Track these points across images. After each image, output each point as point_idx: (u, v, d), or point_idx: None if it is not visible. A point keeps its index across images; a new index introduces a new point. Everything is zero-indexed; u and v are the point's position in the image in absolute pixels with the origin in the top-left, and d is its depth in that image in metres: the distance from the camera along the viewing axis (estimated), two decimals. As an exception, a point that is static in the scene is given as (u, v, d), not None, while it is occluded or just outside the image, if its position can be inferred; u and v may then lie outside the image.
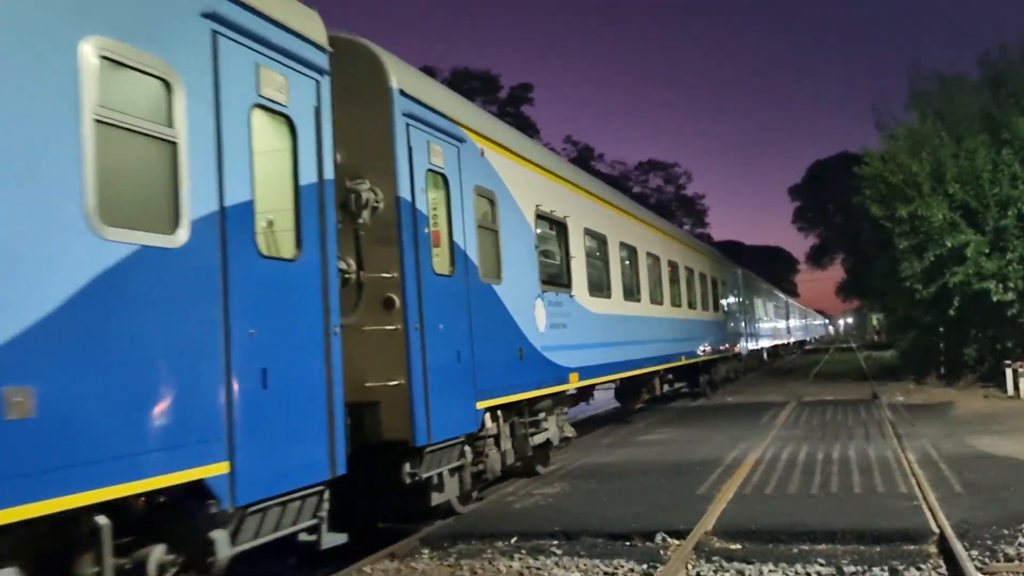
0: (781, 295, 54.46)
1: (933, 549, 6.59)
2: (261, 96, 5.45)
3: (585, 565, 6.77)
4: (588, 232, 12.67)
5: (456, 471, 8.20)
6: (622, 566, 6.68)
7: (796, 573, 6.25)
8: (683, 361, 19.02)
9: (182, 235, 4.65)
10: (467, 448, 8.33)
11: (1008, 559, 6.20)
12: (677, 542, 7.18)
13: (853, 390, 22.89)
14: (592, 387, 12.71)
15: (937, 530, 6.88)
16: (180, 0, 4.83)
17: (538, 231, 10.57)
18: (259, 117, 5.46)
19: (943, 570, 6.07)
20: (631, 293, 14.91)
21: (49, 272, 3.87)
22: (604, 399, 18.65)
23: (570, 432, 11.56)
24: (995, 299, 19.74)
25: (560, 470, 11.27)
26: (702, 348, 21.84)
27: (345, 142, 6.70)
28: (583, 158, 60.64)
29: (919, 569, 6.10)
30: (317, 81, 6.06)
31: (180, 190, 4.68)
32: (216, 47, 5.05)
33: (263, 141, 5.49)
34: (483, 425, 8.57)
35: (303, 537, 5.72)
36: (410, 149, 7.50)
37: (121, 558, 4.35)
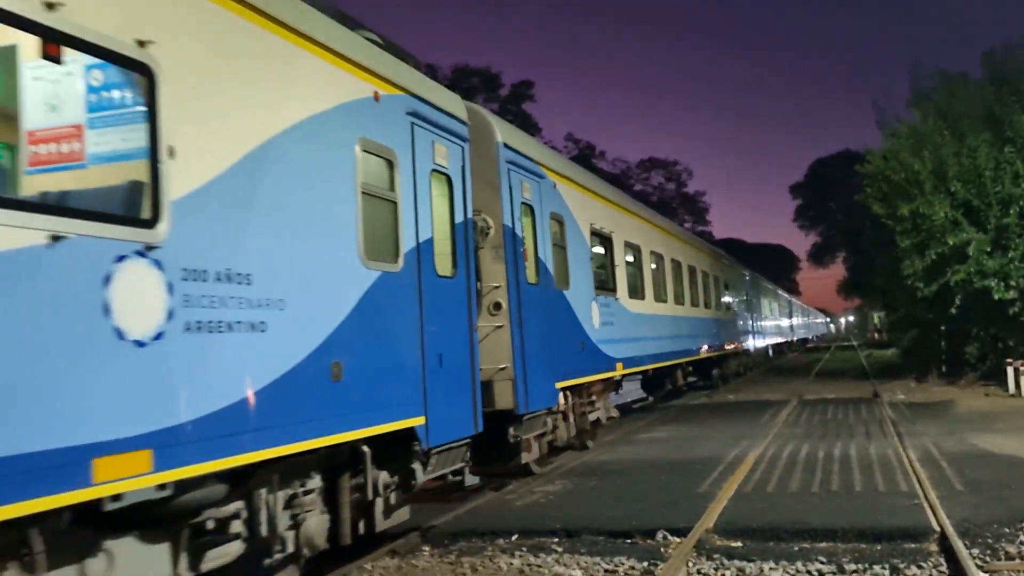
0: (785, 295, 56.82)
1: (934, 547, 6.58)
2: (435, 163, 7.63)
3: (586, 563, 6.77)
4: (627, 244, 14.89)
5: (539, 437, 10.48)
6: (623, 564, 6.68)
7: (797, 571, 6.25)
8: (701, 355, 21.36)
9: (400, 263, 6.81)
10: (548, 419, 10.56)
11: (1009, 557, 6.20)
12: (678, 540, 7.17)
13: (854, 388, 22.89)
14: (622, 378, 14.43)
15: (938, 528, 6.87)
16: (397, 106, 7.03)
17: (592, 245, 12.77)
18: (434, 178, 7.59)
19: (944, 568, 6.06)
20: (659, 295, 17.06)
21: (347, 291, 6.06)
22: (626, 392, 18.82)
23: (614, 413, 13.99)
24: (996, 297, 19.72)
25: (561, 467, 11.27)
26: (716, 344, 23.80)
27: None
28: (584, 156, 60.60)
29: (920, 567, 6.09)
30: (462, 147, 8.29)
31: (398, 234, 6.85)
32: (413, 134, 7.23)
33: (435, 195, 7.59)
34: (558, 402, 10.82)
35: (451, 478, 7.87)
36: (510, 188, 9.72)
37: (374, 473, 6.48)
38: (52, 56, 3.89)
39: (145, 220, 4.32)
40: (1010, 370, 18.98)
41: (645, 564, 6.60)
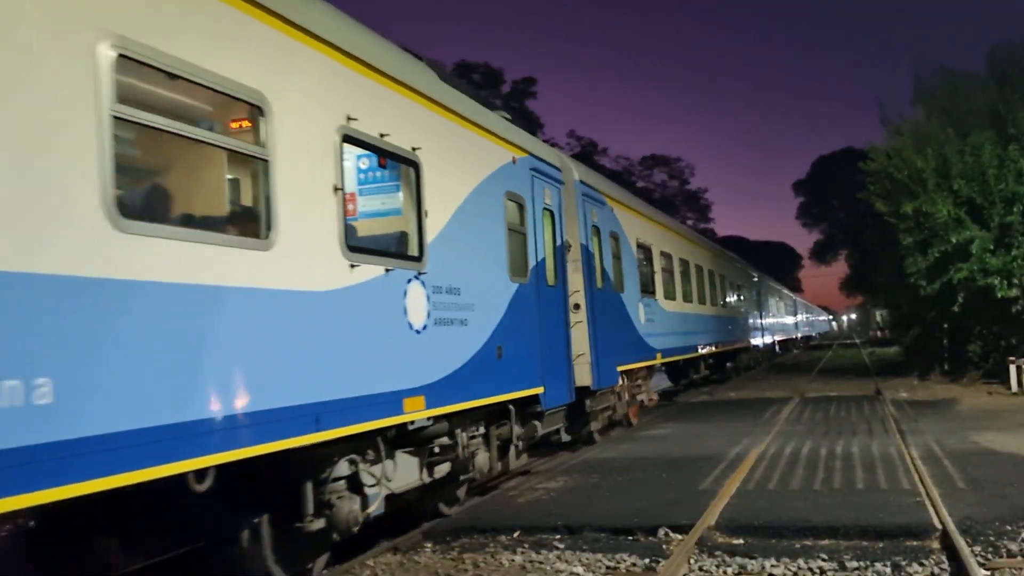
0: (790, 294, 60.28)
1: (936, 545, 6.58)
2: (545, 203, 10.40)
3: (587, 559, 6.77)
4: (662, 253, 17.75)
5: (603, 410, 12.98)
6: (624, 560, 6.69)
7: (799, 568, 6.24)
8: (718, 349, 24.19)
9: (527, 278, 9.44)
10: (611, 395, 13.19)
11: (1011, 555, 6.19)
12: (680, 537, 7.18)
13: (856, 386, 22.88)
14: (662, 366, 17.60)
15: (940, 526, 6.87)
16: (524, 165, 9.79)
17: (638, 255, 15.55)
18: (544, 214, 10.31)
19: (946, 566, 6.06)
20: (686, 296, 19.98)
21: (502, 298, 8.70)
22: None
23: (654, 396, 16.71)
24: (999, 295, 19.69)
25: (563, 464, 11.28)
26: (731, 340, 26.72)
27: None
28: (586, 153, 60.54)
29: (922, 565, 6.09)
30: (559, 189, 11.14)
31: (527, 256, 9.55)
32: (532, 184, 10.01)
33: (544, 226, 10.28)
34: (618, 382, 13.34)
35: (552, 437, 10.77)
36: (584, 214, 12.32)
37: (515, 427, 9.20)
38: (382, 164, 7.37)
39: (417, 257, 7.06)
40: (1012, 368, 18.96)
41: (647, 561, 6.61)
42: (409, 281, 6.80)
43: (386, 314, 6.45)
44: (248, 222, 5.34)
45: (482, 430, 8.58)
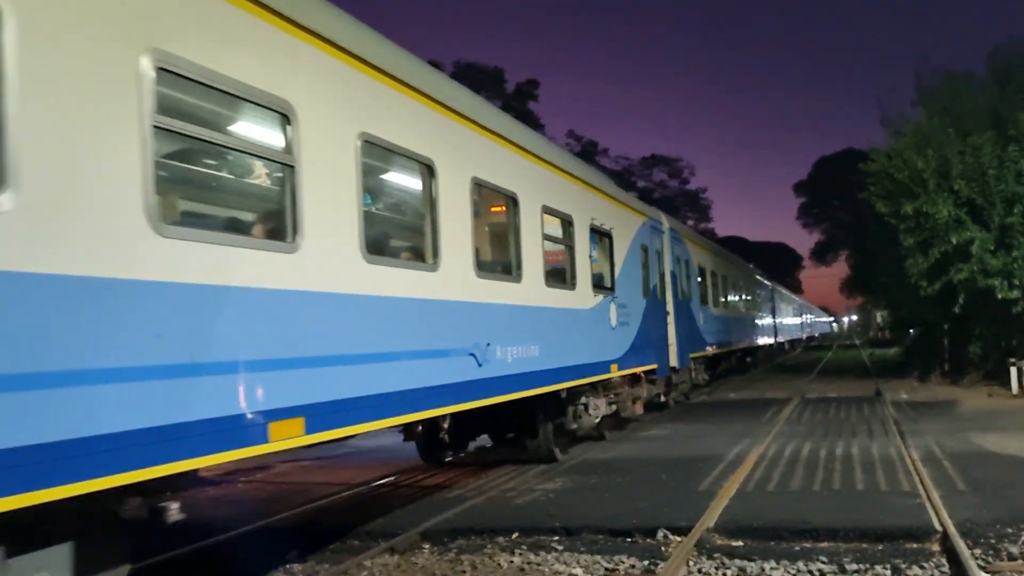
0: (797, 299, 67.66)
1: (936, 547, 6.55)
2: (656, 247, 16.06)
3: (586, 561, 6.74)
4: (711, 272, 23.95)
5: (681, 383, 18.88)
6: (623, 562, 6.65)
7: (798, 570, 6.21)
8: (746, 346, 31.13)
9: (649, 295, 14.84)
10: (685, 373, 18.89)
11: (1012, 558, 6.16)
12: (679, 538, 7.14)
13: (857, 387, 22.85)
14: (714, 355, 24.21)
15: (940, 528, 6.84)
16: (648, 224, 15.68)
17: (698, 275, 21.25)
18: (655, 254, 15.89)
19: (946, 568, 6.03)
20: (726, 304, 26.82)
21: (639, 309, 14.21)
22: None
23: (706, 376, 23.11)
24: (1000, 296, 19.64)
25: (560, 465, 11.25)
26: (754, 338, 33.98)
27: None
28: (587, 153, 60.51)
29: (922, 567, 6.06)
30: (661, 235, 16.54)
31: (647, 281, 15.16)
32: (651, 235, 15.73)
33: (656, 261, 15.87)
34: (690, 364, 19.08)
35: (655, 399, 16.39)
36: (672, 250, 17.60)
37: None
38: (599, 236, 12.61)
39: (611, 288, 12.57)
40: (1013, 370, 18.94)
41: (646, 563, 6.57)
42: (610, 301, 12.48)
43: (602, 319, 12.07)
44: (567, 281, 10.95)
45: (627, 388, 13.88)
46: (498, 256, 9.50)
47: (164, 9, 4.59)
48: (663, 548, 6.93)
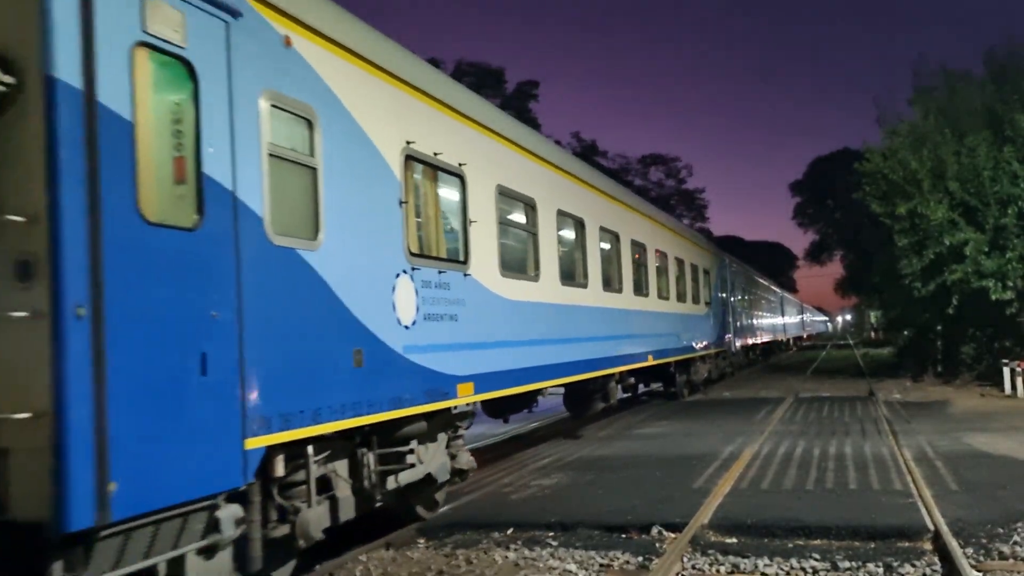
0: (799, 303, 78.45)
1: (928, 546, 6.61)
2: (718, 273, 25.34)
3: (581, 557, 6.78)
4: (747, 287, 33.18)
5: (732, 362, 28.50)
6: (618, 558, 6.70)
7: (791, 567, 6.26)
8: (763, 342, 39.33)
9: (713, 306, 24.31)
10: (729, 357, 27.46)
11: (1003, 557, 6.21)
12: (673, 535, 7.19)
13: (850, 387, 22.93)
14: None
15: (932, 527, 6.89)
16: (714, 257, 25.32)
17: (740, 291, 30.50)
18: (719, 276, 25.91)
19: (937, 567, 6.08)
20: (756, 309, 36.56)
21: (709, 314, 22.98)
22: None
23: (746, 360, 32.75)
24: (994, 297, 19.75)
25: (557, 462, 11.29)
26: (769, 335, 42.51)
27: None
28: (586, 153, 60.48)
29: (913, 566, 6.11)
30: (724, 261, 27.09)
31: (706, 296, 22.70)
32: (715, 261, 24.88)
33: (714, 282, 25.07)
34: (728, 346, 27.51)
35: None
36: (731, 276, 27.78)
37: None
38: (706, 273, 23.80)
39: (709, 303, 22.73)
40: (1006, 371, 19.02)
41: (640, 559, 6.62)
42: (710, 310, 22.75)
43: (707, 320, 22.22)
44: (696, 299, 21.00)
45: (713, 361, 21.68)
46: (663, 285, 17.63)
47: (413, 120, 7.49)
48: (658, 544, 6.98)
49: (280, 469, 5.48)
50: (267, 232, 5.41)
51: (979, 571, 5.90)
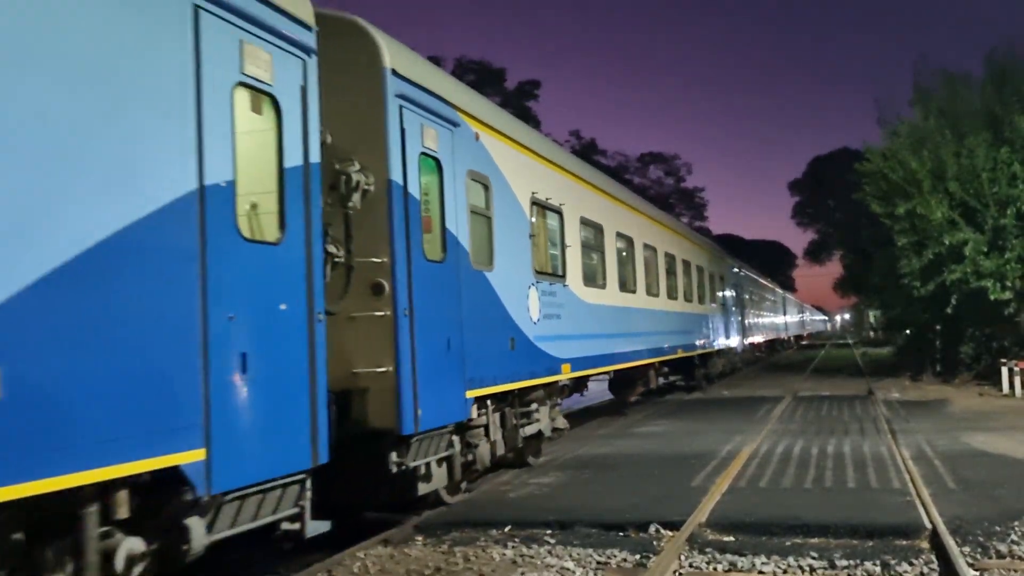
0: (801, 303, 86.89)
1: (925, 544, 6.61)
2: (734, 281, 30.41)
3: (579, 554, 6.78)
4: (753, 290, 36.33)
5: (741, 358, 32.55)
6: (615, 556, 6.70)
7: (789, 566, 6.27)
8: (774, 338, 47.39)
9: (716, 307, 25.44)
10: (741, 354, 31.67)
11: (1000, 556, 6.22)
12: (671, 533, 7.19)
13: (849, 386, 22.94)
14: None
15: (930, 526, 6.90)
16: (732, 269, 30.24)
17: (750, 293, 35.30)
18: (739, 285, 31.62)
19: (935, 566, 6.08)
20: (766, 311, 43.59)
21: (724, 317, 26.47)
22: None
23: (755, 356, 37.87)
24: (992, 297, 19.75)
25: (555, 460, 11.29)
26: (777, 333, 49.89)
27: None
28: (585, 151, 60.48)
29: (911, 564, 6.11)
30: (738, 272, 32.16)
31: (719, 298, 26.52)
32: (729, 271, 28.85)
33: (740, 289, 32.81)
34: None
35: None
36: (741, 282, 31.98)
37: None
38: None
39: (721, 306, 26.01)
40: (1004, 370, 19.03)
41: (638, 557, 6.62)
42: (721, 311, 25.28)
43: (722, 320, 25.31)
44: (713, 300, 24.87)
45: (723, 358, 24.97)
46: (688, 290, 20.36)
47: (536, 179, 10.59)
48: (655, 542, 6.98)
49: (474, 414, 8.46)
50: (471, 262, 8.49)
51: (976, 569, 5.90)
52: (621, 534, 7.31)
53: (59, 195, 3.89)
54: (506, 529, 7.64)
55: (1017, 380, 18.51)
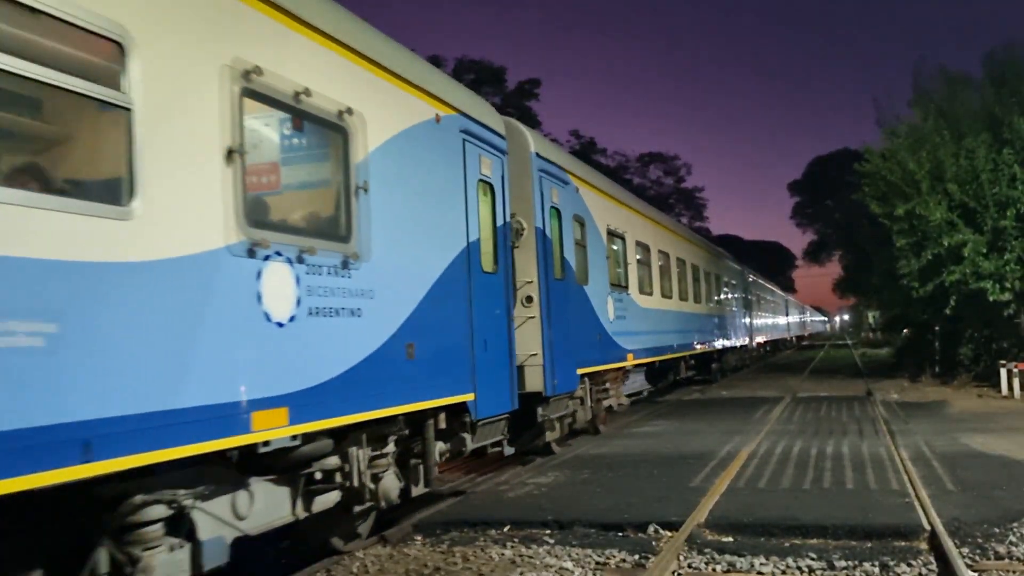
0: (803, 305, 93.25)
1: (924, 546, 6.61)
2: (744, 285, 33.64)
3: (577, 554, 6.78)
4: (759, 293, 40.24)
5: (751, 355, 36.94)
6: (614, 556, 6.70)
7: (787, 566, 6.26)
8: (775, 337, 49.28)
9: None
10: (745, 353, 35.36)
11: (999, 557, 6.22)
12: (669, 533, 7.19)
13: (848, 387, 22.94)
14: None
15: (928, 527, 6.90)
16: (746, 273, 34.38)
17: (754, 296, 37.50)
18: (747, 288, 35.14)
19: (933, 567, 6.08)
20: (764, 311, 43.53)
21: (743, 317, 32.68)
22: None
23: (765, 351, 43.97)
24: (991, 298, 19.75)
25: (553, 460, 11.29)
26: (777, 333, 51.36)
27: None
28: (585, 151, 60.45)
29: (910, 565, 6.11)
30: (747, 276, 35.17)
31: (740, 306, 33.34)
32: (741, 276, 32.92)
33: (749, 291, 36.64)
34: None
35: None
36: (751, 284, 36.12)
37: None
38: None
39: (749, 308, 34.46)
40: (1003, 371, 19.03)
41: (636, 557, 6.62)
42: (736, 312, 29.83)
43: (737, 321, 29.92)
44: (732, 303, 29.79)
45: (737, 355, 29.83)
46: (709, 295, 23.90)
47: (609, 214, 14.33)
48: (654, 543, 6.98)
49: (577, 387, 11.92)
50: (576, 279, 12.06)
51: (975, 571, 5.91)
52: (620, 534, 7.31)
53: (429, 249, 7.35)
54: (505, 529, 7.64)
55: (1016, 382, 18.52)
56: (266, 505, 5.54)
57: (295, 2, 5.58)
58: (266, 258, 5.08)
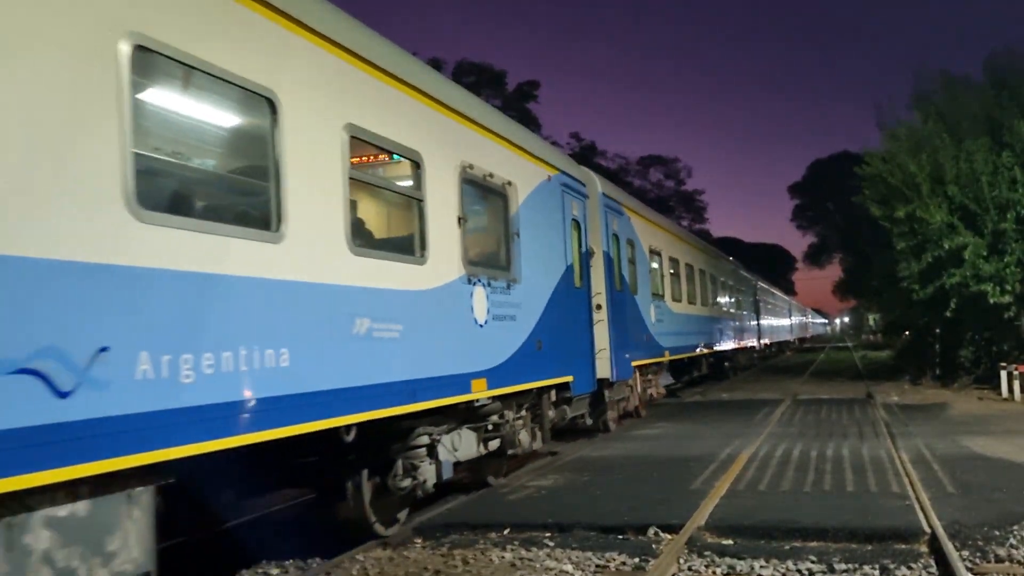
0: (805, 308, 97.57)
1: (924, 548, 6.61)
2: (754, 289, 38.91)
3: (577, 557, 6.78)
4: (766, 298, 44.52)
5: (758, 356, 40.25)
6: (614, 559, 6.69)
7: (787, 569, 6.26)
8: (782, 340, 54.02)
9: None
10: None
11: (999, 560, 6.21)
12: (669, 536, 7.19)
13: (848, 389, 22.94)
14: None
15: (929, 530, 6.89)
16: (755, 280, 39.17)
17: (762, 300, 41.46)
18: (758, 292, 40.86)
19: (933, 570, 6.08)
20: (770, 316, 47.10)
21: (754, 321, 37.70)
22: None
23: (769, 351, 46.96)
24: (992, 301, 19.75)
25: (554, 462, 11.29)
26: (784, 335, 56.00)
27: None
28: (585, 153, 60.50)
29: (910, 568, 6.11)
30: (756, 283, 39.48)
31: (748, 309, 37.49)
32: (750, 284, 37.13)
33: (760, 295, 41.84)
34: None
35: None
36: (760, 291, 41.51)
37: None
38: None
39: (757, 313, 38.36)
40: (1003, 374, 19.03)
41: (636, 560, 6.61)
42: (749, 315, 35.25)
43: (748, 323, 34.85)
44: (740, 306, 33.56)
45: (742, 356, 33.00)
46: (724, 301, 27.08)
47: (650, 235, 17.79)
48: (654, 546, 6.97)
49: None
50: (629, 290, 14.83)
51: (975, 574, 5.90)
52: (620, 537, 7.31)
53: (547, 273, 10.29)
54: (505, 531, 7.64)
55: (1016, 384, 18.51)
56: (466, 444, 8.41)
57: (491, 121, 9.12)
58: (474, 284, 8.06)
